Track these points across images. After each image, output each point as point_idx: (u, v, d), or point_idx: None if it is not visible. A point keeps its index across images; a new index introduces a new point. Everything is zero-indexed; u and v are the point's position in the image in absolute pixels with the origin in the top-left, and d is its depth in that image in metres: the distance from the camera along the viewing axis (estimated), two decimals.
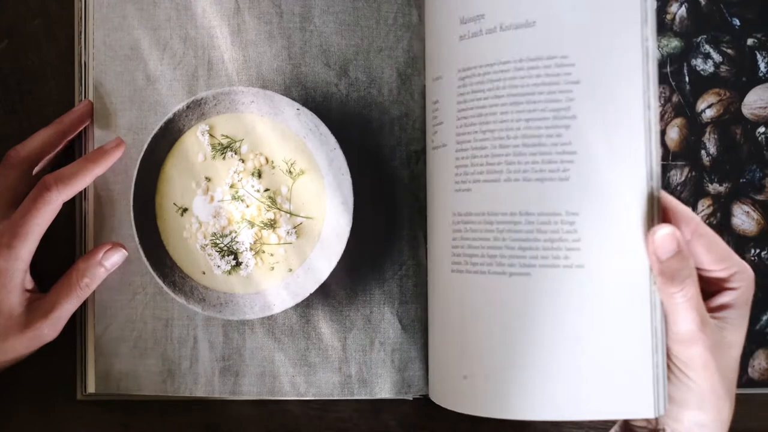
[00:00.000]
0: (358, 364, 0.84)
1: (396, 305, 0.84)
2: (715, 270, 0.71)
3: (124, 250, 0.83)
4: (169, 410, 0.87)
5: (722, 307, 0.71)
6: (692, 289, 0.68)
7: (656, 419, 0.73)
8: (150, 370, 0.83)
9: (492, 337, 0.72)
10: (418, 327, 0.84)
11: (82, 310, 0.85)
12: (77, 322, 0.85)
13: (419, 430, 0.89)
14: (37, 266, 0.81)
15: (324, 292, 0.84)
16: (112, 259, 0.82)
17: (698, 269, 0.70)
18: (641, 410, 0.69)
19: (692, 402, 0.70)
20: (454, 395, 0.75)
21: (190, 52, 0.83)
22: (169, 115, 0.80)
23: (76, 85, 0.85)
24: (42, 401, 0.87)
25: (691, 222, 0.70)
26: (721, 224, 0.90)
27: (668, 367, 0.70)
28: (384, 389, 0.84)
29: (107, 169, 0.82)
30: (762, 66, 0.91)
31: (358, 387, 0.84)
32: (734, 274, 0.71)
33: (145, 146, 0.79)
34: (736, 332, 0.71)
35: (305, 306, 0.84)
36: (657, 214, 0.69)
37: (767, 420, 0.92)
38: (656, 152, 0.69)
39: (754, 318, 0.90)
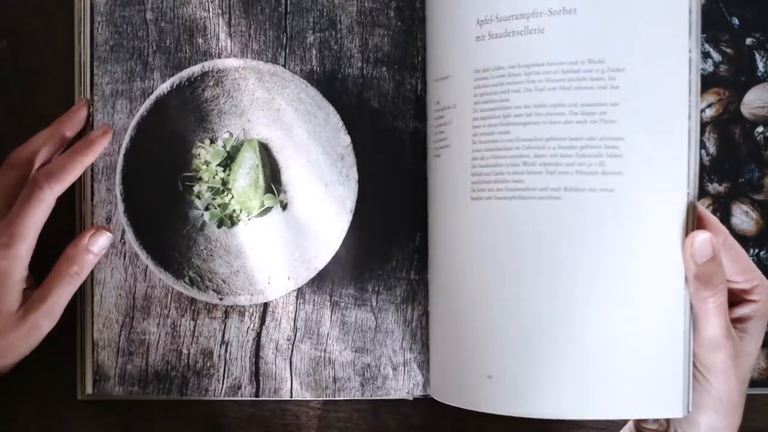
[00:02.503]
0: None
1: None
2: (739, 282, 0.74)
3: (109, 233, 0.84)
4: (170, 410, 0.90)
5: (743, 318, 0.75)
6: (723, 296, 0.72)
7: (667, 422, 0.77)
8: None
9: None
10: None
11: (82, 311, 0.87)
12: (78, 323, 0.87)
13: (420, 430, 0.91)
14: (37, 263, 0.81)
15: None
16: (98, 244, 0.83)
17: None
18: (670, 410, 0.73)
19: (709, 406, 0.74)
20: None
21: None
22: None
23: (76, 85, 0.87)
24: (42, 402, 0.89)
25: (721, 233, 0.73)
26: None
27: (692, 372, 0.74)
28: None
29: (96, 157, 0.84)
30: (760, 65, 0.91)
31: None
32: (756, 287, 0.75)
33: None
34: (753, 343, 0.75)
35: None
36: (693, 221, 0.72)
37: (765, 421, 0.93)
38: (696, 161, 0.72)
39: None
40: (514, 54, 0.74)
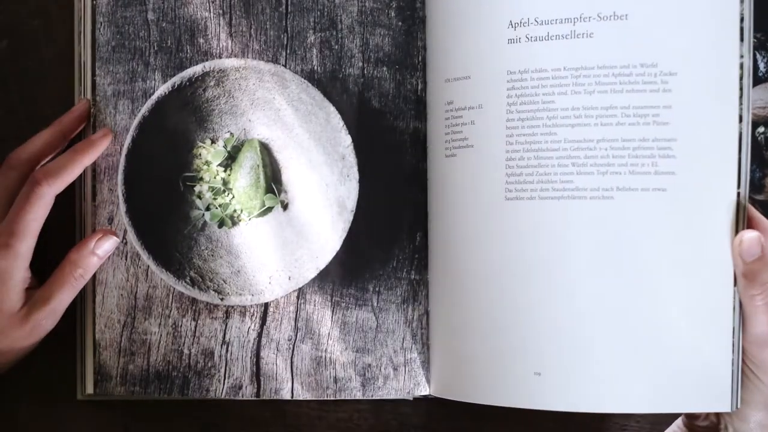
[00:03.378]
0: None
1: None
2: None
3: (115, 237, 0.85)
4: (170, 410, 0.90)
5: None
6: None
7: (718, 418, 0.78)
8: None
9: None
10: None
11: (84, 311, 0.88)
12: (79, 323, 0.88)
13: (420, 430, 0.91)
14: (37, 263, 0.82)
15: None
16: (104, 247, 0.84)
17: None
18: (718, 404, 0.75)
19: (760, 402, 0.75)
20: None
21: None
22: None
23: (76, 85, 0.87)
24: (43, 402, 0.90)
25: None
26: None
27: (741, 369, 0.75)
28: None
29: (95, 159, 0.85)
30: (761, 65, 0.91)
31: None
32: None
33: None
34: None
35: None
36: (743, 220, 0.74)
37: None
38: (747, 162, 0.75)
39: None
40: (559, 57, 0.76)
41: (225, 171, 0.88)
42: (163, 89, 0.85)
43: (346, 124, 0.85)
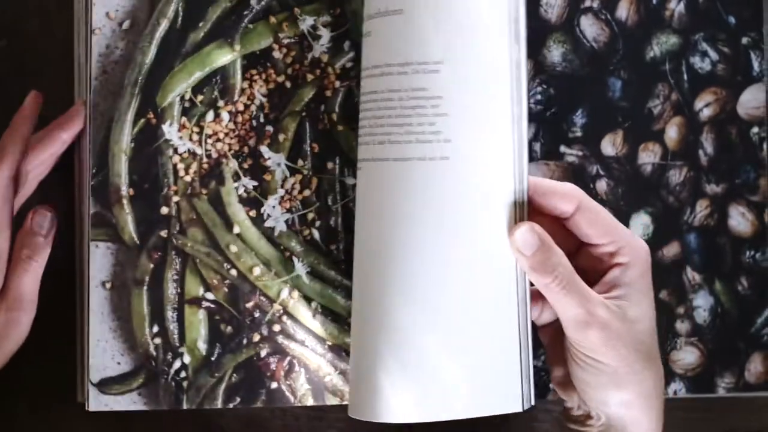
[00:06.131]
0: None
1: None
2: (602, 245, 0.72)
3: (49, 213, 0.82)
4: (171, 413, 0.89)
5: (615, 285, 0.72)
6: (566, 274, 0.70)
7: (588, 404, 0.75)
8: None
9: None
10: None
11: (82, 315, 0.86)
12: (77, 327, 0.87)
13: (422, 429, 0.91)
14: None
15: None
16: (42, 225, 0.81)
17: (586, 245, 0.73)
18: (509, 405, 0.73)
19: (610, 383, 0.72)
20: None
21: None
22: None
23: (75, 85, 0.87)
24: (43, 407, 0.90)
25: (573, 198, 0.71)
26: (718, 226, 0.91)
27: (576, 355, 0.72)
28: None
29: (73, 134, 0.84)
30: (755, 65, 0.91)
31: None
32: (621, 249, 0.72)
33: None
34: (637, 307, 0.72)
35: None
36: (524, 215, 0.71)
37: (763, 423, 0.93)
38: (519, 152, 0.72)
39: (749, 321, 0.91)
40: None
41: None
42: None
43: None
